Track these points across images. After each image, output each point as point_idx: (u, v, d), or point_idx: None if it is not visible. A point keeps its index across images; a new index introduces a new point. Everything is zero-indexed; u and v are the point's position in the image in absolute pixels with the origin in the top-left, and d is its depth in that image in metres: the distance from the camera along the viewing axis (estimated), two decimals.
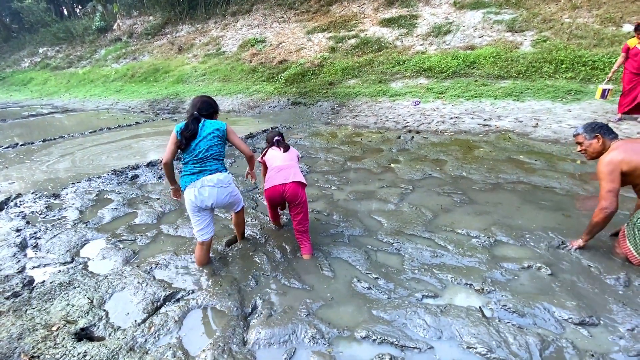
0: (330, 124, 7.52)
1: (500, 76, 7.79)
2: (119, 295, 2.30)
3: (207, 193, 2.26)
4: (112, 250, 2.84)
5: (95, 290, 2.34)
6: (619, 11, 8.50)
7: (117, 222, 3.39)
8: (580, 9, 8.93)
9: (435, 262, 2.49)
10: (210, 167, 2.29)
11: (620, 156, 2.27)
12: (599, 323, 1.90)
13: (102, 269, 2.61)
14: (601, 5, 8.82)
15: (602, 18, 8.47)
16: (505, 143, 5.24)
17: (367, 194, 3.73)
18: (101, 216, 3.51)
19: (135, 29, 19.88)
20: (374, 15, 12.02)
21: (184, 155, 2.30)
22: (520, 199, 3.41)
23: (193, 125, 2.25)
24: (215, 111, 2.44)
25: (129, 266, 2.60)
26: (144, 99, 12.55)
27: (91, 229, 3.25)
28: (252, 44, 13.46)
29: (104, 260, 2.74)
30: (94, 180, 4.52)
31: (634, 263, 2.33)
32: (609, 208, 2.26)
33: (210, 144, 2.28)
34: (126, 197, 3.94)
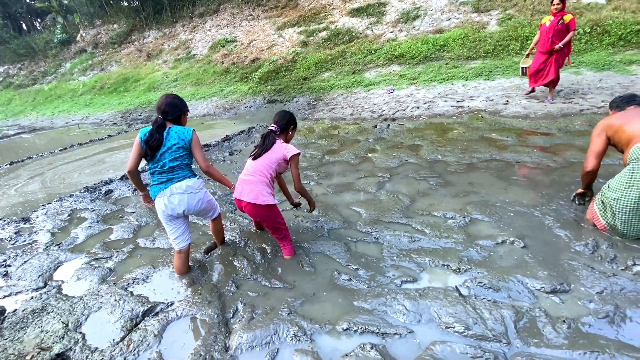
0: (307, 119, 7.49)
1: (469, 57, 7.91)
2: (96, 316, 2.24)
3: (177, 200, 2.21)
4: (87, 270, 2.75)
5: (70, 313, 2.27)
6: None
7: (92, 240, 3.29)
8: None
9: (413, 246, 2.52)
10: (177, 175, 2.22)
11: (607, 121, 2.44)
12: (569, 289, 1.97)
13: (77, 291, 2.53)
14: None
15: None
16: (478, 123, 5.33)
17: (346, 186, 3.74)
18: (75, 236, 3.39)
19: (100, 39, 19.21)
20: (343, 6, 11.97)
21: (150, 166, 2.23)
22: (493, 176, 3.48)
23: (157, 134, 2.13)
24: (183, 112, 2.28)
25: (105, 285, 2.53)
26: (116, 111, 12.18)
27: (64, 250, 3.14)
28: (223, 44, 13.22)
29: (78, 281, 2.66)
30: (66, 200, 4.36)
31: (599, 227, 2.42)
32: (587, 167, 2.53)
33: (175, 155, 2.18)
34: (100, 214, 3.83)
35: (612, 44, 6.98)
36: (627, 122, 2.30)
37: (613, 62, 6.49)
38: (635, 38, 6.85)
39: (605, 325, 1.73)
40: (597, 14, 7.63)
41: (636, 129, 2.23)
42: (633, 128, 2.24)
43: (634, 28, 6.94)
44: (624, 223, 2.25)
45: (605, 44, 7.04)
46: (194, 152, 2.24)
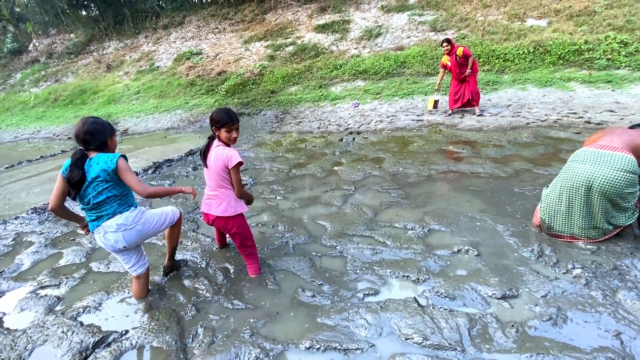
0: (275, 132, 7.50)
1: (428, 73, 8.36)
2: (40, 350, 2.06)
3: (112, 238, 2.04)
4: (32, 300, 2.54)
5: (11, 348, 2.07)
6: (522, 7, 9.60)
7: (39, 266, 3.04)
8: (490, 7, 9.92)
9: (376, 259, 2.58)
10: (106, 212, 2.00)
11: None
12: (518, 294, 2.10)
13: (20, 323, 2.32)
14: (507, 3, 9.89)
15: (509, 14, 9.50)
16: (436, 136, 5.62)
17: (312, 200, 3.77)
18: (19, 262, 3.12)
19: (55, 49, 18.17)
20: (309, 22, 12.26)
21: (78, 201, 2.01)
22: (450, 187, 3.67)
23: (77, 169, 1.89)
24: (107, 138, 2.01)
25: (52, 315, 2.34)
26: (71, 124, 11.48)
27: (7, 278, 2.88)
28: (188, 56, 13.00)
29: (22, 312, 2.44)
30: (10, 223, 4.02)
31: (535, 223, 2.72)
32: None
33: (99, 190, 1.94)
34: (49, 237, 3.56)
35: (553, 62, 7.70)
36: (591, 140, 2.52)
37: (554, 79, 7.15)
38: (572, 57, 7.61)
39: (550, 327, 1.86)
40: (539, 35, 8.41)
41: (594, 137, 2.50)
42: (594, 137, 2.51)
43: (571, 48, 7.71)
44: (550, 217, 2.55)
45: (547, 63, 7.75)
46: (125, 180, 1.96)
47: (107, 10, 17.40)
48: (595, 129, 4.98)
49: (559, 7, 9.08)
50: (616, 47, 7.33)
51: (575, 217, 2.46)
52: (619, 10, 8.21)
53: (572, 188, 2.42)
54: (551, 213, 2.55)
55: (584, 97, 6.37)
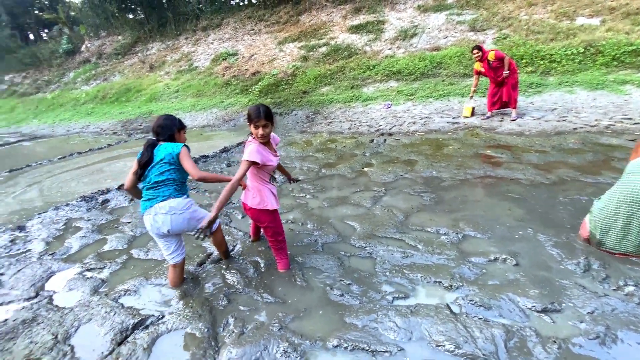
0: (306, 132, 7.56)
1: (465, 74, 8.05)
2: (86, 328, 2.22)
3: (161, 220, 2.22)
4: (79, 281, 2.74)
5: (60, 324, 2.25)
6: (571, 5, 8.99)
7: (86, 250, 3.28)
8: (536, 5, 9.38)
9: (406, 262, 2.52)
10: (162, 193, 2.23)
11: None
12: (561, 309, 1.97)
13: (68, 302, 2.51)
14: (555, 1, 9.30)
15: (557, 13, 8.93)
16: (473, 139, 5.40)
17: (341, 200, 3.76)
18: (68, 246, 3.39)
19: (104, 50, 19.52)
20: (343, 23, 12.25)
21: (142, 182, 2.29)
22: (487, 193, 3.52)
23: (147, 152, 2.25)
24: (174, 131, 2.35)
25: (97, 296, 2.51)
26: (116, 120, 12.28)
27: (57, 260, 3.13)
28: (224, 57, 13.45)
29: (70, 292, 2.64)
30: (62, 209, 4.37)
31: (583, 236, 2.50)
32: None
33: (162, 170, 2.22)
34: (95, 224, 3.83)
35: (606, 64, 7.14)
36: None
37: (607, 82, 6.63)
38: (628, 58, 7.02)
39: (596, 346, 1.73)
40: (590, 34, 7.83)
41: None
42: None
43: (627, 49, 7.11)
44: (602, 233, 2.34)
45: (598, 64, 7.20)
46: (183, 164, 2.22)
47: (152, 14, 18.43)
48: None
49: (614, 5, 8.41)
50: None
51: (632, 234, 2.24)
52: None
53: (633, 203, 2.19)
54: (604, 228, 2.33)
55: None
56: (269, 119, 2.14)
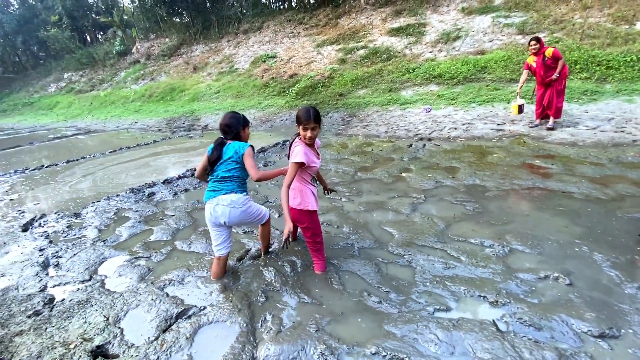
0: (341, 134, 7.56)
1: (512, 79, 7.66)
2: (134, 313, 2.36)
3: (220, 211, 2.39)
4: (128, 268, 2.92)
5: (111, 307, 2.41)
6: (631, 9, 8.28)
7: (134, 239, 3.50)
8: (591, 8, 8.73)
9: (448, 273, 2.43)
10: (227, 188, 2.41)
11: None
12: (619, 335, 1.81)
13: (118, 287, 2.68)
14: (612, 4, 8.61)
15: (614, 17, 8.26)
16: (519, 148, 5.11)
17: (378, 205, 3.71)
18: (119, 234, 3.63)
19: (153, 51, 20.78)
20: (382, 26, 12.14)
21: (210, 175, 2.49)
22: (536, 205, 3.31)
23: (217, 151, 2.43)
24: (240, 129, 2.48)
25: (144, 283, 2.66)
26: (161, 118, 13.01)
27: (109, 246, 3.36)
28: (264, 59, 13.81)
29: (120, 277, 2.82)
30: (113, 199, 4.69)
31: None
32: None
33: (229, 167, 2.41)
34: (143, 215, 4.07)
35: None
36: None
37: None
38: None
39: None
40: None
41: None
42: None
43: None
44: None
45: None
46: (245, 163, 2.38)
47: (197, 17, 19.39)
48: None
49: None
50: None
51: None
52: None
53: None
54: None
55: None
56: (318, 122, 2.19)
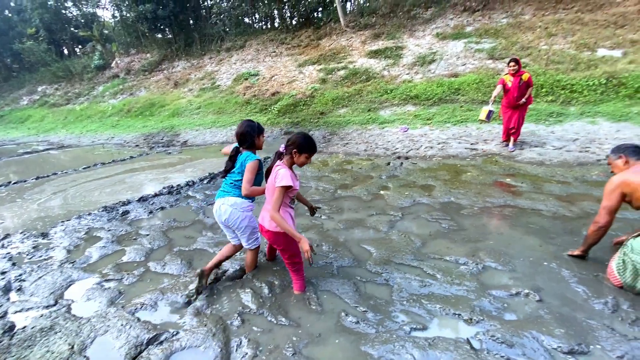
0: (322, 152, 7.65)
1: (484, 101, 8.06)
2: (102, 340, 2.24)
3: (223, 209, 2.57)
4: (97, 291, 2.79)
5: (76, 335, 2.28)
6: (592, 37, 9.00)
7: (105, 260, 3.35)
8: (556, 36, 9.43)
9: (424, 292, 2.47)
10: (234, 192, 2.59)
11: (623, 177, 2.34)
12: (588, 351, 1.88)
13: (86, 312, 2.55)
14: (575, 32, 9.34)
15: (577, 44, 8.94)
16: (492, 166, 5.34)
17: (357, 223, 3.74)
18: (89, 255, 3.47)
19: (133, 66, 20.54)
20: (362, 48, 12.58)
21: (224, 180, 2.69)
22: (507, 223, 3.44)
23: (230, 162, 2.62)
24: (255, 137, 2.57)
25: (114, 307, 2.54)
26: (139, 133, 12.74)
27: (77, 269, 3.20)
28: (246, 77, 13.92)
29: (88, 301, 2.68)
30: (84, 218, 4.50)
31: (615, 284, 2.34)
32: (600, 222, 2.43)
33: (237, 178, 2.58)
34: (115, 234, 3.92)
35: (629, 95, 7.04)
36: None
37: (631, 114, 6.51)
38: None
39: None
40: (612, 66, 7.78)
41: None
42: None
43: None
44: None
45: (621, 96, 7.10)
46: (244, 175, 2.48)
47: (179, 34, 19.44)
48: None
49: (636, 38, 8.37)
50: None
51: None
52: None
53: None
54: None
55: None
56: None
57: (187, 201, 4.92)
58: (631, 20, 8.95)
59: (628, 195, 2.32)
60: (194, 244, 3.52)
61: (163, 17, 17.90)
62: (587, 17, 9.62)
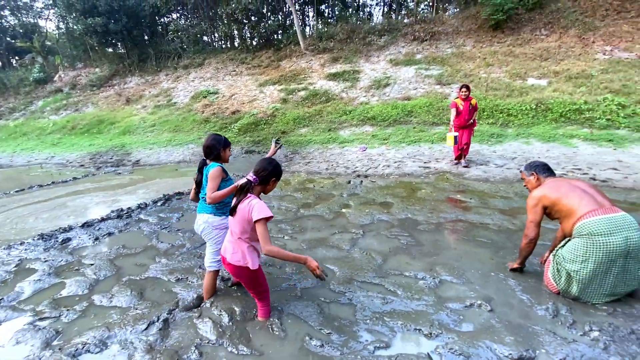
0: (285, 171, 7.64)
1: (434, 123, 8.68)
2: None
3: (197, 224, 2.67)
4: (29, 332, 2.46)
5: None
6: (523, 68, 10.17)
7: (40, 296, 2.98)
8: (493, 66, 10.54)
9: (386, 309, 2.51)
10: (202, 206, 2.64)
11: (541, 192, 2.60)
12: (534, 356, 2.02)
13: (15, 357, 2.23)
14: (509, 64, 10.51)
15: (511, 73, 10.05)
16: (443, 184, 5.70)
17: (320, 242, 3.75)
18: (20, 290, 3.07)
19: (79, 81, 19.23)
20: (321, 70, 13.02)
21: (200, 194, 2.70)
22: (459, 237, 3.66)
23: (199, 174, 2.67)
24: (220, 150, 2.59)
25: (49, 350, 2.26)
26: (85, 152, 11.81)
27: (5, 307, 2.81)
28: (205, 95, 13.66)
29: (17, 345, 2.35)
30: (15, 248, 4.00)
31: (553, 292, 2.58)
32: (529, 236, 2.65)
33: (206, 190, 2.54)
34: (53, 265, 3.52)
35: (555, 119, 8.00)
36: (563, 196, 2.50)
37: (557, 135, 7.38)
38: (573, 115, 7.91)
39: None
40: (540, 93, 8.84)
41: (575, 203, 2.43)
42: (572, 202, 2.44)
43: (571, 107, 8.05)
44: (580, 290, 2.43)
45: (549, 119, 8.05)
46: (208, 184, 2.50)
47: (133, 49, 18.69)
48: (598, 186, 5.06)
49: (557, 69, 9.63)
50: (614, 108, 7.65)
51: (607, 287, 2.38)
52: (614, 75, 8.69)
53: (610, 262, 2.31)
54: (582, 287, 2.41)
55: (587, 154, 6.53)
56: None
57: (139, 225, 4.60)
58: (553, 54, 10.30)
59: (548, 208, 2.58)
60: (146, 272, 3.27)
61: (115, 32, 17.14)
62: (517, 50, 10.90)
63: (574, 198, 2.45)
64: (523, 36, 11.53)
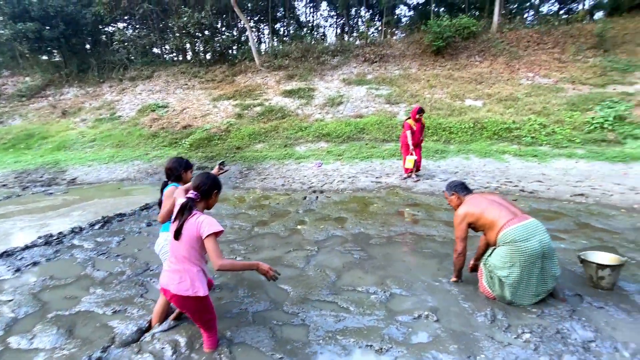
0: (239, 187, 7.46)
1: (384, 139, 9.12)
2: None
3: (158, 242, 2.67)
4: None
5: None
6: (461, 90, 11.17)
7: None
8: (435, 87, 11.44)
9: (339, 327, 2.51)
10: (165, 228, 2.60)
11: (465, 209, 2.86)
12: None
13: None
14: (449, 86, 11.48)
15: (451, 94, 10.98)
16: (394, 197, 5.97)
17: (275, 261, 3.68)
18: None
19: (5, 90, 17.20)
20: (277, 87, 13.11)
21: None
22: (408, 249, 3.83)
23: (160, 193, 2.64)
24: (181, 172, 2.64)
25: None
26: (9, 170, 10.47)
27: None
28: (153, 109, 12.98)
29: None
30: None
31: (489, 297, 2.79)
32: (458, 250, 2.92)
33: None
34: None
35: (490, 137, 8.85)
36: (484, 210, 2.78)
37: (492, 151, 8.15)
38: (504, 133, 8.82)
39: None
40: (476, 113, 9.75)
41: (495, 215, 2.72)
42: (492, 215, 2.73)
43: (502, 126, 8.98)
44: (512, 294, 2.66)
45: (484, 137, 8.88)
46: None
47: (72, 58, 17.26)
48: (526, 197, 5.65)
49: (490, 92, 10.74)
50: (537, 127, 8.69)
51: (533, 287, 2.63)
52: (536, 98, 9.91)
53: (531, 264, 2.58)
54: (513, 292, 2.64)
55: (517, 168, 7.28)
56: None
57: (71, 252, 4.15)
58: (486, 79, 11.48)
59: (472, 223, 2.85)
60: (77, 306, 2.94)
61: (50, 39, 15.74)
62: (456, 74, 11.98)
63: (493, 211, 2.75)
64: (460, 62, 12.73)
